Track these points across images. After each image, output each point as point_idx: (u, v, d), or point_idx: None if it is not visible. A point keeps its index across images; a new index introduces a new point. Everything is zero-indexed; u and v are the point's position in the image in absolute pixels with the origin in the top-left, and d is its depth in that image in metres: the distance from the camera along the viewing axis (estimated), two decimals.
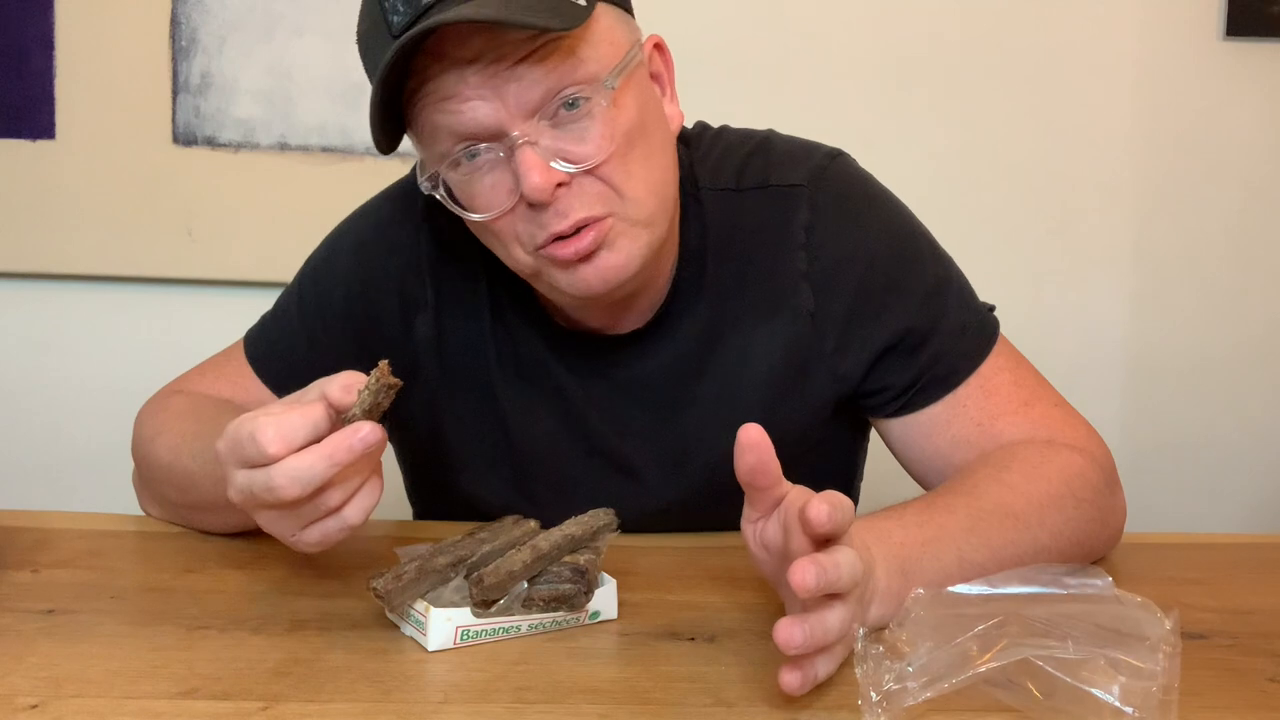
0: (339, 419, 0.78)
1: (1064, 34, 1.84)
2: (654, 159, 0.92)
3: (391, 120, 0.89)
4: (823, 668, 0.72)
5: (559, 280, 0.91)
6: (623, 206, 0.89)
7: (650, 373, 1.02)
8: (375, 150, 1.74)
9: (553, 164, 0.86)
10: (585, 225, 0.88)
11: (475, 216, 0.90)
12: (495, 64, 0.84)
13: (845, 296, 0.99)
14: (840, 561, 0.70)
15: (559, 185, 0.86)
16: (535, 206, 0.87)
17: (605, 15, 0.89)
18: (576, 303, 0.95)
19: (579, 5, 0.85)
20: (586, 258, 0.89)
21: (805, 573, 0.67)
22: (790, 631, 0.68)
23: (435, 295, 1.04)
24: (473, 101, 0.85)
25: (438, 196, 0.91)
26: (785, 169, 1.01)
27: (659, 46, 0.96)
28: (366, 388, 0.78)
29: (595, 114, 0.87)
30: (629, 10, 0.94)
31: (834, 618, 0.71)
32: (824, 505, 0.69)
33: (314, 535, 0.79)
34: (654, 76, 0.95)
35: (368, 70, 0.89)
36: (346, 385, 0.78)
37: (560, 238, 0.88)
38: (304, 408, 0.78)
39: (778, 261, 1.00)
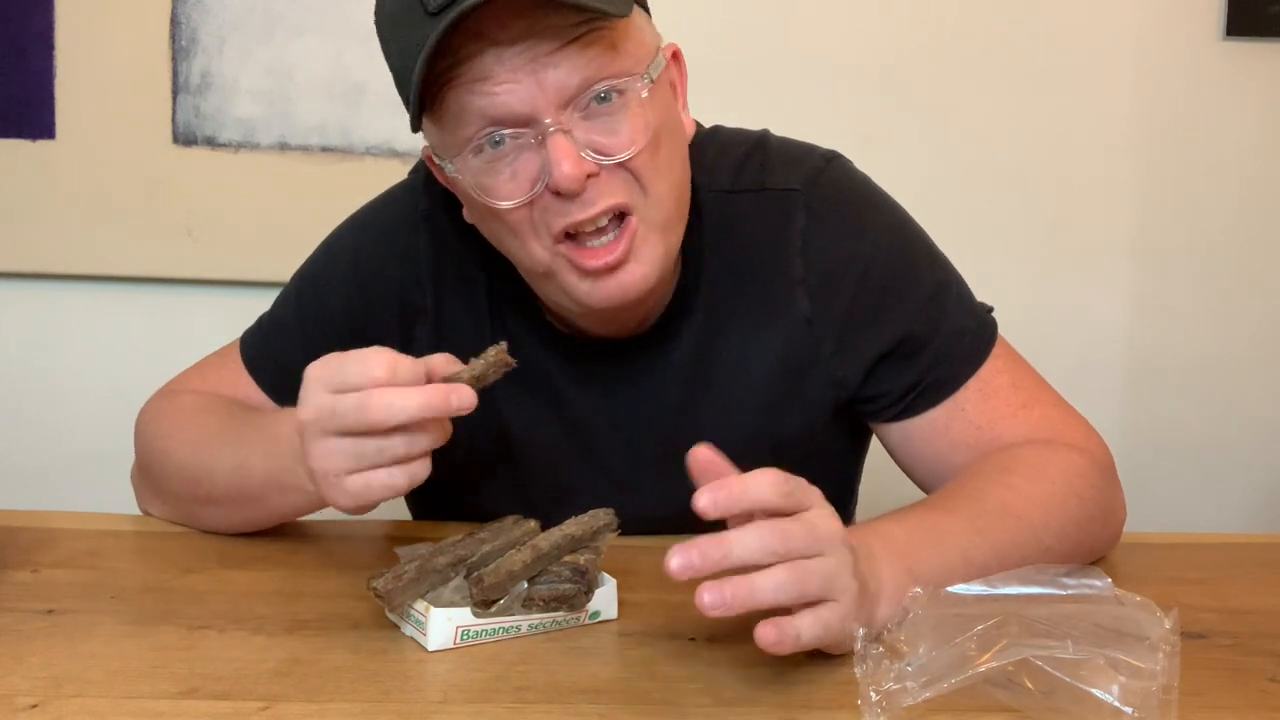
0: (443, 381, 0.80)
1: (1063, 34, 1.84)
2: (676, 161, 0.92)
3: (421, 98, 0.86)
4: (807, 631, 0.70)
5: (575, 288, 0.90)
6: (645, 205, 0.89)
7: (650, 379, 1.02)
8: (375, 150, 1.77)
9: (583, 153, 0.85)
10: (611, 214, 0.87)
11: (498, 204, 0.88)
12: (535, 48, 0.83)
13: (842, 301, 0.99)
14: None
15: (588, 177, 0.86)
16: (561, 196, 0.86)
17: (636, 16, 0.89)
18: (584, 310, 0.94)
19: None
20: (613, 269, 0.88)
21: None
22: (705, 596, 0.67)
23: (435, 302, 1.04)
24: (508, 84, 0.84)
25: (461, 180, 0.89)
26: (781, 172, 1.01)
27: (676, 55, 0.96)
28: (483, 357, 0.81)
29: (629, 107, 0.86)
30: (649, 15, 0.94)
31: (765, 582, 0.68)
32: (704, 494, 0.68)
33: (357, 484, 0.79)
34: (670, 84, 0.95)
35: (391, 50, 0.87)
36: (449, 359, 0.81)
37: (578, 234, 0.87)
38: (411, 361, 0.79)
39: (774, 266, 0.99)
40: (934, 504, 0.90)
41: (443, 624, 0.78)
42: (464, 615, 0.79)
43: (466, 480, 1.06)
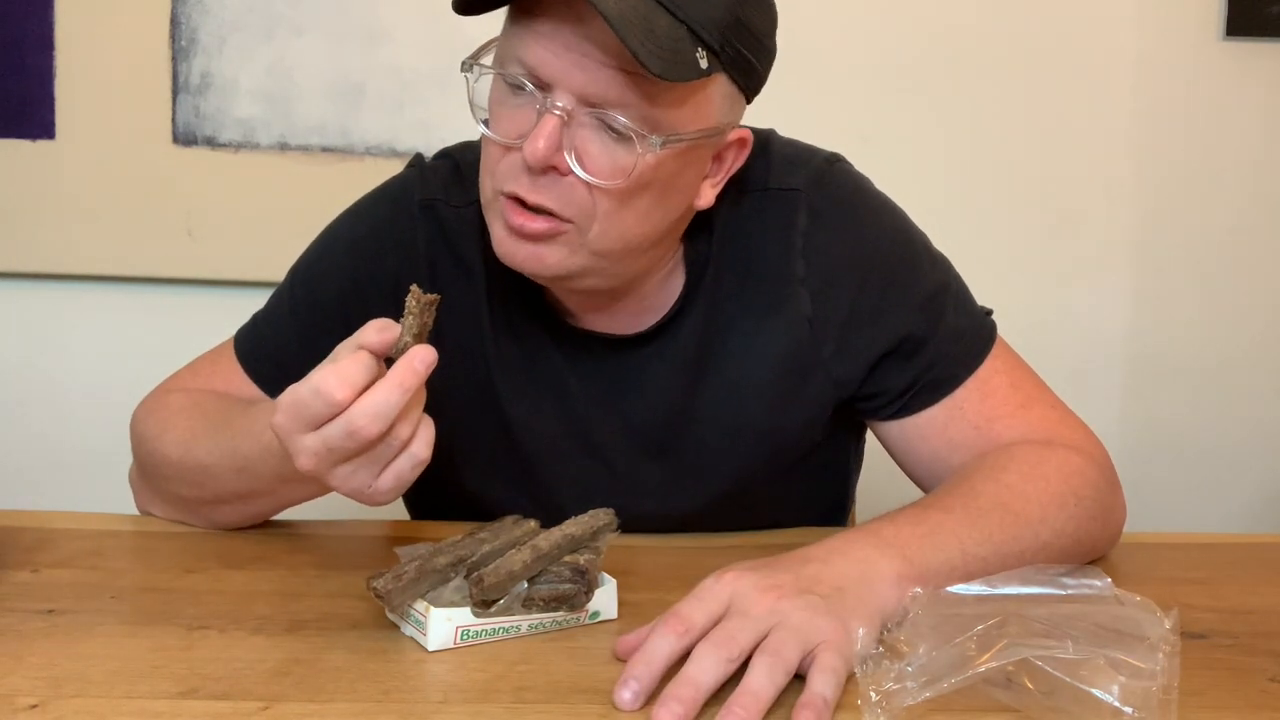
0: (389, 355, 0.80)
1: (1064, 34, 1.84)
2: (650, 217, 0.90)
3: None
4: (826, 686, 0.71)
5: (495, 233, 0.91)
6: (588, 226, 0.88)
7: (649, 376, 1.02)
8: (375, 150, 1.77)
9: (565, 151, 0.85)
10: (548, 214, 0.88)
11: (482, 127, 0.89)
12: (592, 45, 0.83)
13: (843, 302, 0.99)
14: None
15: (554, 168, 0.86)
16: (526, 166, 0.86)
17: (720, 87, 0.88)
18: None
19: (698, 66, 0.83)
20: (526, 237, 0.88)
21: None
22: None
23: (432, 291, 1.04)
24: (549, 55, 0.84)
25: (469, 79, 0.89)
26: (784, 173, 1.01)
27: (743, 142, 0.95)
28: (409, 313, 0.81)
29: (630, 150, 0.85)
30: (749, 95, 0.92)
31: (757, 681, 0.70)
32: None
33: (389, 480, 0.80)
34: (717, 158, 0.94)
35: None
36: (381, 327, 0.80)
37: (521, 202, 0.88)
38: (349, 356, 0.79)
39: (776, 266, 1.00)
40: (929, 503, 0.90)
41: (443, 624, 0.78)
42: (464, 615, 0.79)
43: (470, 472, 1.06)
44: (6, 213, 1.80)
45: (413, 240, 1.04)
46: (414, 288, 0.82)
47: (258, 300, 1.13)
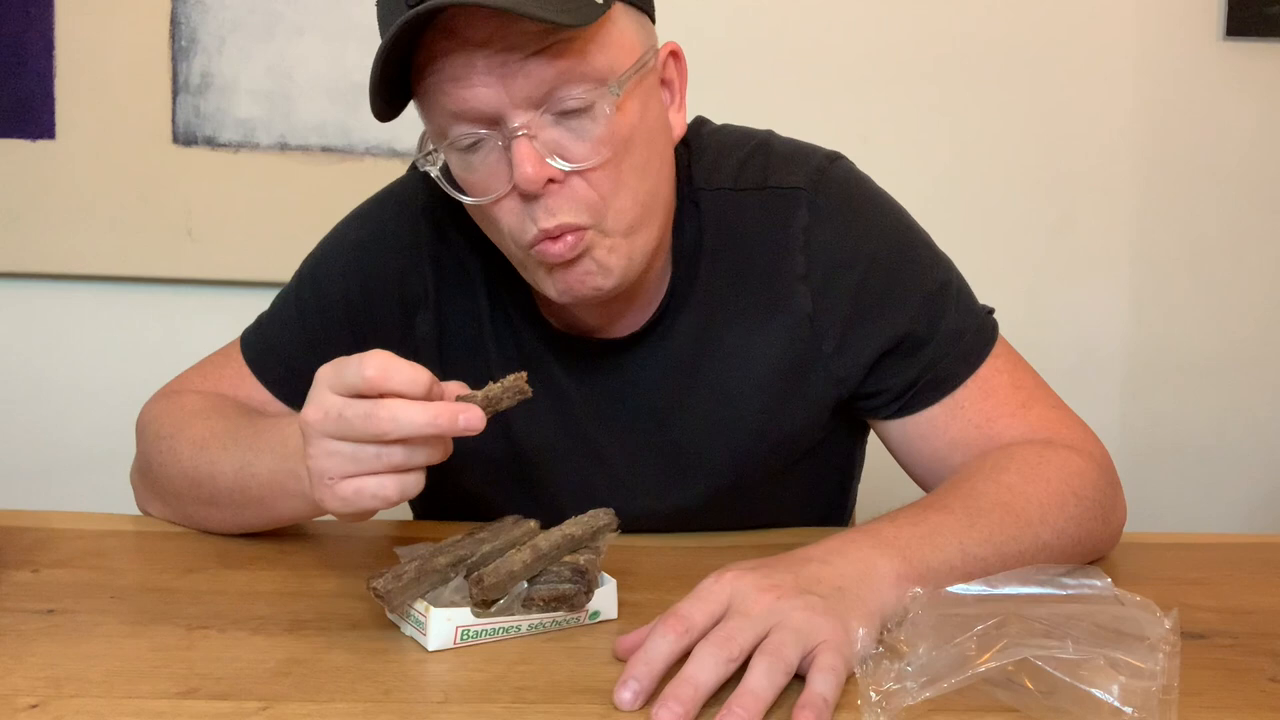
0: (458, 399, 0.80)
1: (1064, 34, 1.84)
2: (649, 167, 0.92)
3: (397, 89, 0.88)
4: (827, 687, 0.70)
5: (543, 282, 0.92)
6: (605, 217, 0.89)
7: (646, 377, 1.02)
8: (375, 150, 1.77)
9: (549, 160, 0.86)
10: (568, 231, 0.88)
11: (468, 200, 0.90)
12: (505, 53, 0.84)
13: (844, 299, 0.99)
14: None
15: (551, 180, 0.87)
16: (526, 198, 0.87)
17: (622, 16, 0.89)
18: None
19: (594, 3, 0.85)
20: (570, 263, 0.89)
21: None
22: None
23: (436, 293, 1.04)
24: (477, 89, 0.85)
25: (433, 174, 0.91)
26: (784, 171, 1.01)
27: (675, 54, 0.96)
28: (499, 382, 0.81)
29: (597, 117, 0.87)
30: (650, 13, 0.94)
31: (757, 681, 0.70)
32: None
33: (349, 489, 0.79)
34: (665, 83, 0.95)
35: (382, 36, 0.88)
36: (462, 385, 0.82)
37: (549, 237, 0.88)
38: (413, 365, 0.79)
39: (775, 264, 1.00)
40: (929, 503, 0.90)
41: (443, 624, 0.78)
42: (464, 615, 0.79)
43: (469, 474, 1.06)
44: (6, 213, 1.80)
45: (416, 242, 1.04)
46: (523, 373, 0.82)
47: (258, 300, 1.13)
